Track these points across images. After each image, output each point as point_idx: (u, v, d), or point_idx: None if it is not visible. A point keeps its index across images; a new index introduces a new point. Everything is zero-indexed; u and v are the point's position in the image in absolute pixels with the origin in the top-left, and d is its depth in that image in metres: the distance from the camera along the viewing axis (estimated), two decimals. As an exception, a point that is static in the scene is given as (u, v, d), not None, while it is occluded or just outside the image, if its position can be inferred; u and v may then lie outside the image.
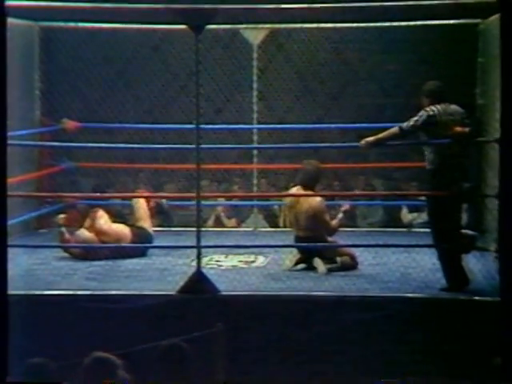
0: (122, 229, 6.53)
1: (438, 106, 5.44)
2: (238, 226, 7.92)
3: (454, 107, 5.49)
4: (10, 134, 3.04)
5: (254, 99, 7.54)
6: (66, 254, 6.47)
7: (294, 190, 6.15)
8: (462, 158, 5.44)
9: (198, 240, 5.59)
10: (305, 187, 6.07)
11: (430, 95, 5.48)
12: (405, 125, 5.43)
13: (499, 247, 5.44)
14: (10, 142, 3.01)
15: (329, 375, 5.05)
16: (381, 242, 6.38)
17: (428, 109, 5.43)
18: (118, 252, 6.38)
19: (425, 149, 5.53)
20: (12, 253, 3.17)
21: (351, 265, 6.04)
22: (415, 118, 5.42)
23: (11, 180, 4.99)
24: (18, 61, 6.89)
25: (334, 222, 6.10)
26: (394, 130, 5.47)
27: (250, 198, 7.92)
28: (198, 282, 5.43)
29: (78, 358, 3.60)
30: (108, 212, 6.73)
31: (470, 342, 5.00)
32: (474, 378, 4.57)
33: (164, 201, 7.05)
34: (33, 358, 3.70)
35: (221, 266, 6.25)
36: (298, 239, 6.14)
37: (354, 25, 7.29)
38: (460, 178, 5.42)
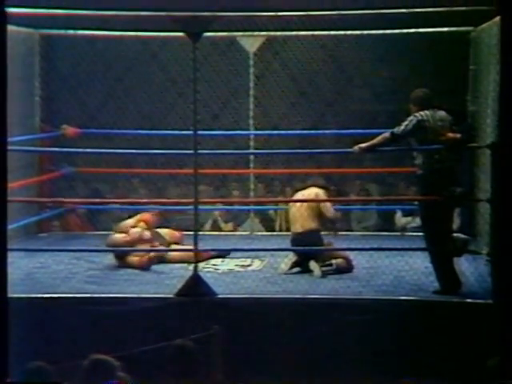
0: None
1: (427, 112, 5.52)
2: (235, 230, 7.95)
3: (441, 113, 5.57)
4: (10, 139, 3.10)
5: (251, 105, 7.59)
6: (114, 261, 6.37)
7: (308, 190, 6.28)
8: (452, 162, 5.51)
9: (195, 244, 5.66)
10: (319, 187, 6.29)
11: (418, 102, 5.57)
12: (396, 129, 5.51)
13: (491, 251, 5.52)
14: (10, 147, 3.06)
15: (325, 376, 5.08)
16: (375, 246, 6.40)
17: (417, 114, 5.51)
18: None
19: (415, 154, 5.61)
20: (12, 256, 3.21)
21: (346, 268, 6.11)
22: (406, 123, 5.51)
23: (12, 185, 5.08)
24: (19, 68, 6.96)
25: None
26: (386, 135, 5.54)
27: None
28: (195, 285, 5.48)
29: (78, 360, 3.66)
30: None
31: (462, 344, 5.04)
32: (468, 380, 4.61)
33: None
34: (32, 361, 3.72)
35: (217, 269, 6.28)
36: (295, 236, 6.18)
37: (349, 32, 7.35)
38: (450, 182, 5.48)
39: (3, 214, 2.80)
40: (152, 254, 6.25)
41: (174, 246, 6.56)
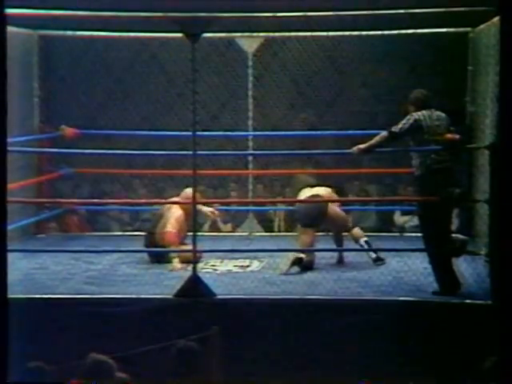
0: None
1: (424, 112, 5.55)
2: (234, 230, 7.94)
3: (438, 113, 5.59)
4: (9, 140, 3.09)
5: (250, 106, 7.58)
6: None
7: (316, 189, 6.43)
8: (449, 163, 5.52)
9: (194, 244, 5.65)
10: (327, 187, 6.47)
11: (415, 103, 5.61)
12: (394, 128, 5.54)
13: (489, 251, 5.53)
14: (9, 148, 3.06)
15: (324, 377, 5.04)
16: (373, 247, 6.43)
17: (414, 113, 5.55)
18: None
19: (412, 154, 5.61)
20: (11, 257, 3.21)
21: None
22: (403, 122, 5.53)
23: (11, 186, 5.08)
24: (18, 68, 6.96)
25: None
26: (384, 134, 5.55)
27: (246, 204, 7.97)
28: (194, 286, 5.47)
29: (76, 360, 3.70)
30: None
31: (461, 345, 5.04)
32: (466, 380, 4.60)
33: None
34: (30, 362, 3.73)
35: (216, 270, 6.28)
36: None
37: (347, 33, 7.36)
38: (447, 183, 5.49)
39: (3, 215, 2.80)
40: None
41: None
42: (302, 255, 6.14)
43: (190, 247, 6.01)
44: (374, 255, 6.28)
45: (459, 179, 5.76)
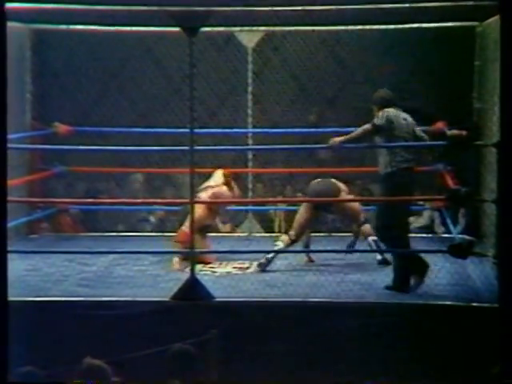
0: None
1: (392, 109, 5.56)
2: (233, 231, 7.85)
3: (403, 114, 5.61)
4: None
5: (249, 103, 7.57)
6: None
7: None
8: (416, 162, 5.53)
9: (192, 246, 5.55)
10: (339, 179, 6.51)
11: (380, 102, 5.62)
12: (375, 120, 5.53)
13: (497, 253, 5.42)
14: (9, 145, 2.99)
15: (325, 381, 4.98)
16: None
17: (384, 110, 5.54)
18: None
19: (379, 152, 5.58)
20: (4, 259, 3.13)
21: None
22: (379, 117, 5.52)
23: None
24: (9, 63, 6.82)
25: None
26: (368, 127, 5.53)
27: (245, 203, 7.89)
28: (192, 289, 5.41)
29: (70, 365, 3.60)
30: None
31: (468, 349, 4.97)
32: (473, 385, 4.54)
33: None
34: (22, 366, 3.64)
35: (215, 272, 6.22)
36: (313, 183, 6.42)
37: (350, 27, 7.32)
38: (415, 182, 5.55)
39: (2, 214, 2.73)
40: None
41: None
42: (293, 237, 6.18)
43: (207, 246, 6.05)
44: (380, 257, 6.19)
45: (467, 178, 5.69)
